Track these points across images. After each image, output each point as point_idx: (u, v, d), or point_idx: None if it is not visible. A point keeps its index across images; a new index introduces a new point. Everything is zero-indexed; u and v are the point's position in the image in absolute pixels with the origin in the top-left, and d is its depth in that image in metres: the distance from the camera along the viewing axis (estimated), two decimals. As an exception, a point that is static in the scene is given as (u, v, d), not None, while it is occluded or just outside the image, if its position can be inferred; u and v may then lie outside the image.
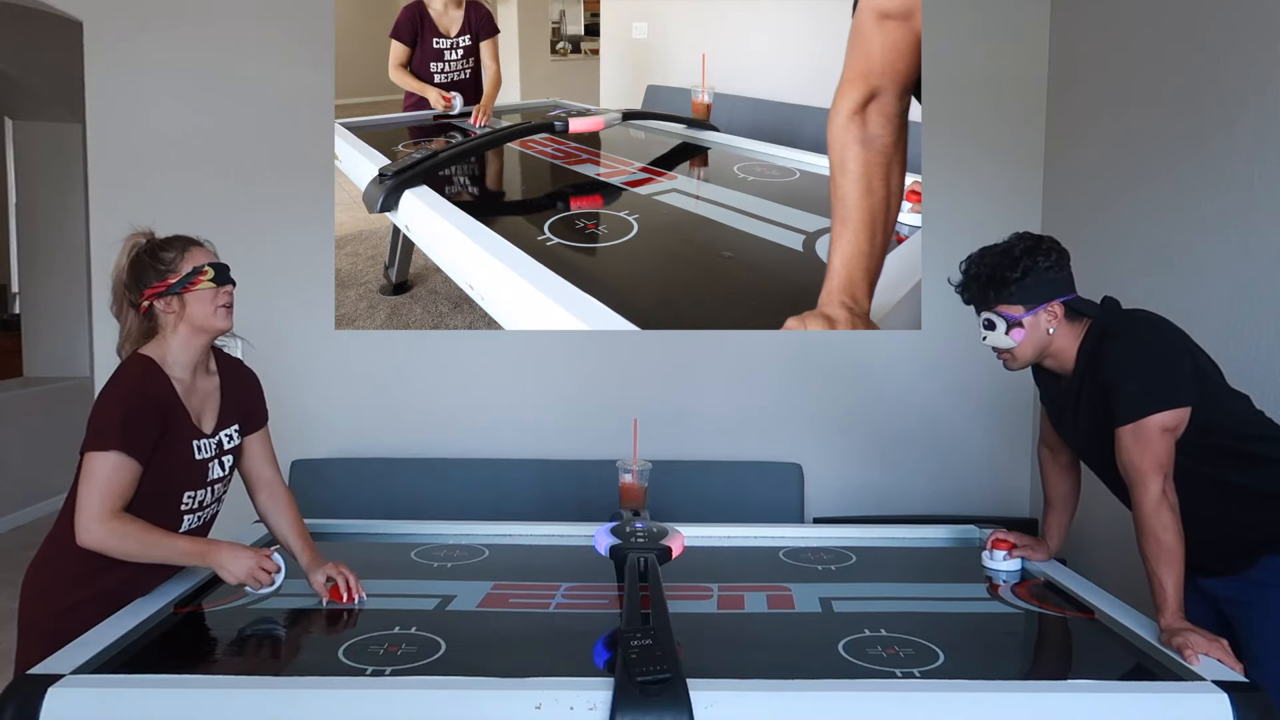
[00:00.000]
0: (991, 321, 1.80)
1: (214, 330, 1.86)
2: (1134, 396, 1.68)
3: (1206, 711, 1.35)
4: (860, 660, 1.54)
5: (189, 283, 1.82)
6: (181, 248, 1.85)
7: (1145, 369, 1.69)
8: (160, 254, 1.83)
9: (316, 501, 3.49)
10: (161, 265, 1.83)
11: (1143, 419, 1.66)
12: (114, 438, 1.70)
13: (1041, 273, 1.76)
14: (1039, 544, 2.09)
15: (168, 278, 1.82)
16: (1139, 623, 1.68)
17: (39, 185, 6.06)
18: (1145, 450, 1.66)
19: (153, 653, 1.58)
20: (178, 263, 1.83)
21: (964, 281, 1.84)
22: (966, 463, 3.59)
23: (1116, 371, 1.71)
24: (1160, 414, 1.66)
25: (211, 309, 1.84)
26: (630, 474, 2.24)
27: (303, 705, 1.36)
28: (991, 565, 2.06)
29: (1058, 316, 1.78)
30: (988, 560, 2.08)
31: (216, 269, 1.85)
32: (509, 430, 3.58)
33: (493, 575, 2.01)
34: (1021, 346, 1.80)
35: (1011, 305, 1.78)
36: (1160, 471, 1.65)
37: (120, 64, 3.43)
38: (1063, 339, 1.80)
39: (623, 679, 1.32)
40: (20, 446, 5.49)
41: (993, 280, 1.78)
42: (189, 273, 1.82)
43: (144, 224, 1.92)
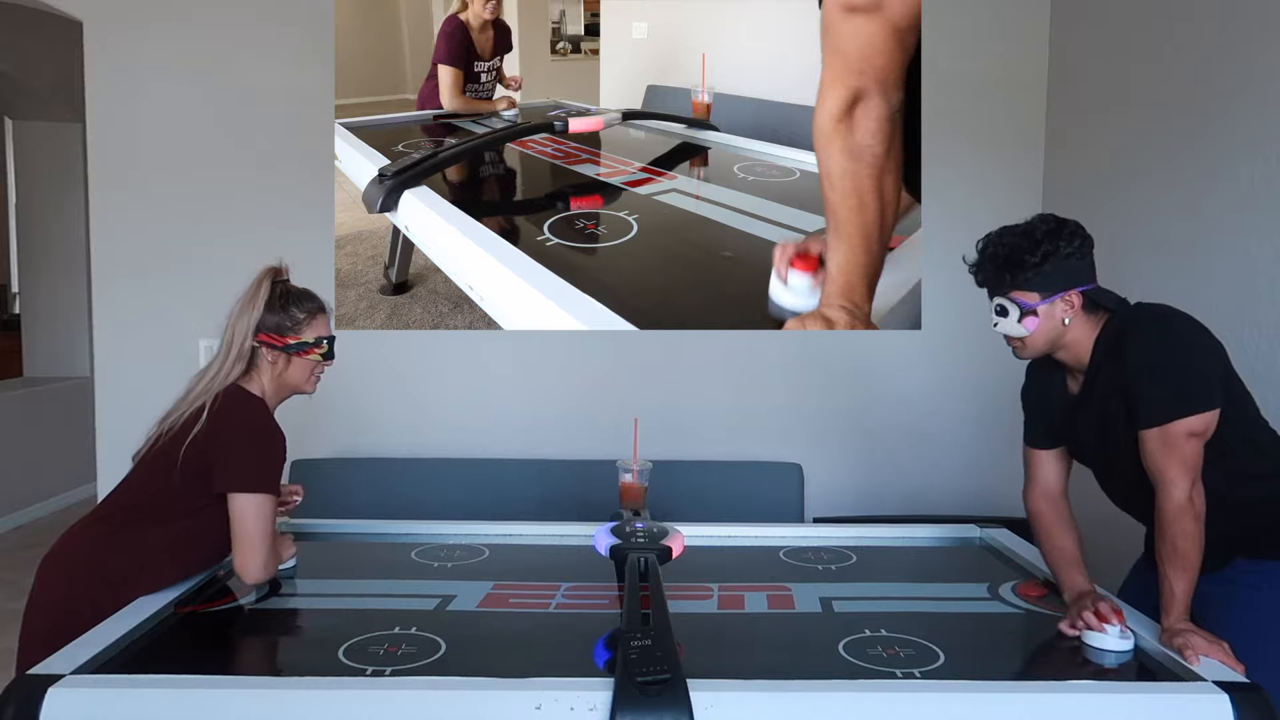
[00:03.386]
0: (1004, 308, 1.69)
1: (300, 393, 1.96)
2: (1160, 399, 1.59)
3: (1207, 711, 1.35)
4: (860, 660, 1.54)
5: (304, 350, 1.90)
6: (312, 312, 1.92)
7: (1172, 369, 1.61)
8: (292, 309, 1.90)
9: (316, 501, 3.49)
10: (289, 322, 1.89)
11: (1169, 423, 1.59)
12: (272, 481, 1.81)
13: (1063, 259, 1.64)
14: (1079, 598, 1.72)
15: (288, 336, 1.89)
16: (1139, 622, 1.67)
17: (39, 185, 6.06)
18: (1171, 454, 1.59)
19: (153, 653, 1.58)
20: (303, 327, 1.90)
21: (979, 262, 1.72)
22: (967, 462, 3.59)
23: (1140, 371, 1.62)
24: (1188, 418, 1.59)
25: (308, 376, 1.94)
26: (630, 474, 2.24)
27: (303, 705, 1.35)
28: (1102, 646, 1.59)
29: (1075, 307, 1.67)
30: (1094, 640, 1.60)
31: (329, 346, 1.94)
32: (509, 430, 3.58)
33: (493, 575, 2.01)
34: (1034, 336, 1.69)
35: (1027, 292, 1.66)
36: (1187, 476, 1.58)
37: (120, 64, 3.43)
38: (1078, 331, 1.69)
39: (623, 679, 1.32)
40: (20, 446, 5.49)
41: (1010, 263, 1.66)
42: (309, 341, 1.90)
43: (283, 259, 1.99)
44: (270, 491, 1.79)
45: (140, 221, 3.45)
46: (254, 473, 1.78)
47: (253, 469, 1.79)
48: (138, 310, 3.47)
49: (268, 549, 1.79)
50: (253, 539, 1.77)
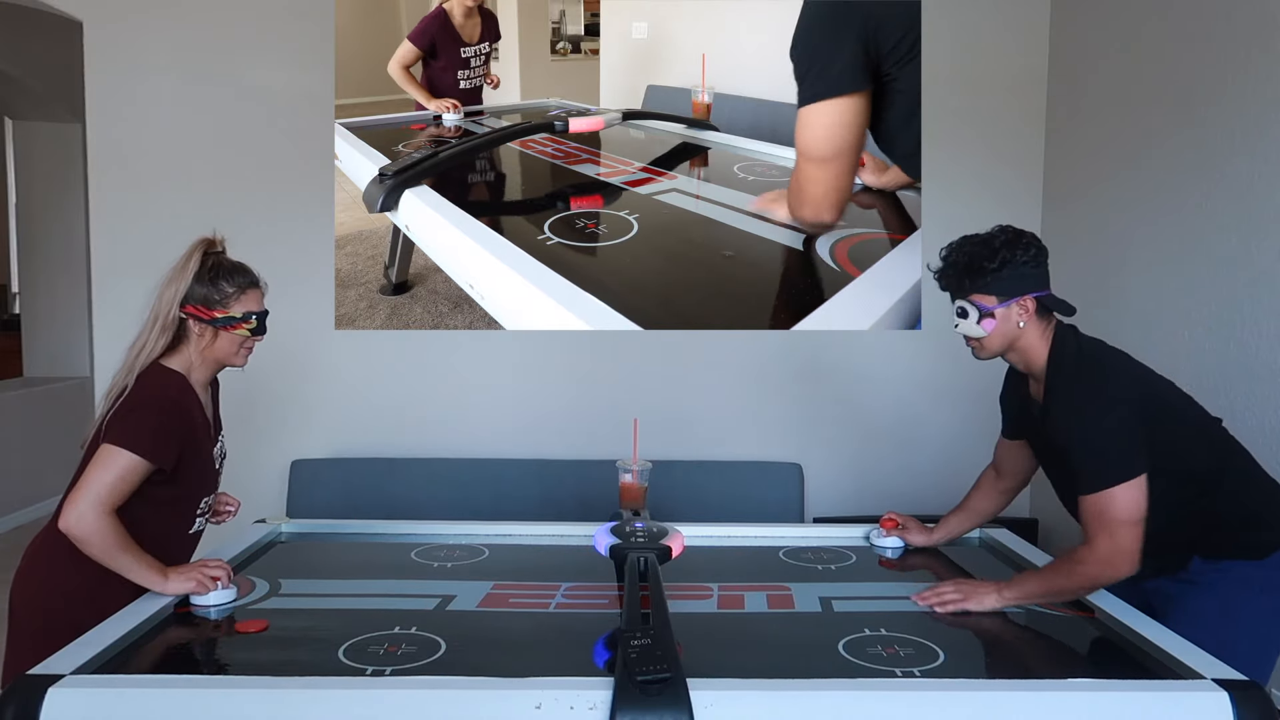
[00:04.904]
0: (964, 310, 1.82)
1: (229, 365, 1.92)
2: (1090, 472, 1.69)
3: (1206, 710, 1.35)
4: (860, 660, 1.54)
5: (231, 324, 1.86)
6: (242, 287, 1.88)
7: (1095, 441, 1.70)
8: (221, 283, 1.87)
9: (317, 501, 3.49)
10: (217, 295, 1.86)
11: (1101, 492, 1.68)
12: (143, 443, 1.74)
13: (1019, 266, 1.77)
14: (920, 529, 2.22)
15: (215, 309, 1.86)
16: (1139, 622, 1.67)
17: (39, 185, 6.05)
18: (1100, 523, 1.68)
19: (153, 653, 1.58)
20: (231, 301, 1.87)
21: (942, 268, 1.86)
22: (966, 462, 3.57)
23: (1066, 438, 1.74)
24: (1119, 486, 1.67)
25: (236, 349, 1.90)
26: (630, 474, 2.24)
27: (303, 705, 1.35)
28: (878, 543, 2.24)
29: (1029, 311, 1.79)
30: (875, 538, 2.25)
31: (259, 321, 1.90)
32: (509, 430, 3.58)
33: (493, 575, 2.01)
34: (991, 337, 1.82)
35: (985, 295, 1.79)
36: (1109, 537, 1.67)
37: (120, 64, 3.43)
38: (1031, 335, 1.81)
39: (623, 679, 1.32)
40: (20, 446, 5.49)
41: (970, 269, 1.79)
42: (236, 316, 1.86)
43: (219, 231, 1.95)
44: (129, 448, 1.72)
45: (140, 221, 3.46)
46: (123, 428, 1.74)
47: (123, 425, 1.74)
48: (138, 310, 3.45)
49: (101, 498, 1.70)
50: (87, 484, 1.70)
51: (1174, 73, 2.76)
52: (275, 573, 2.00)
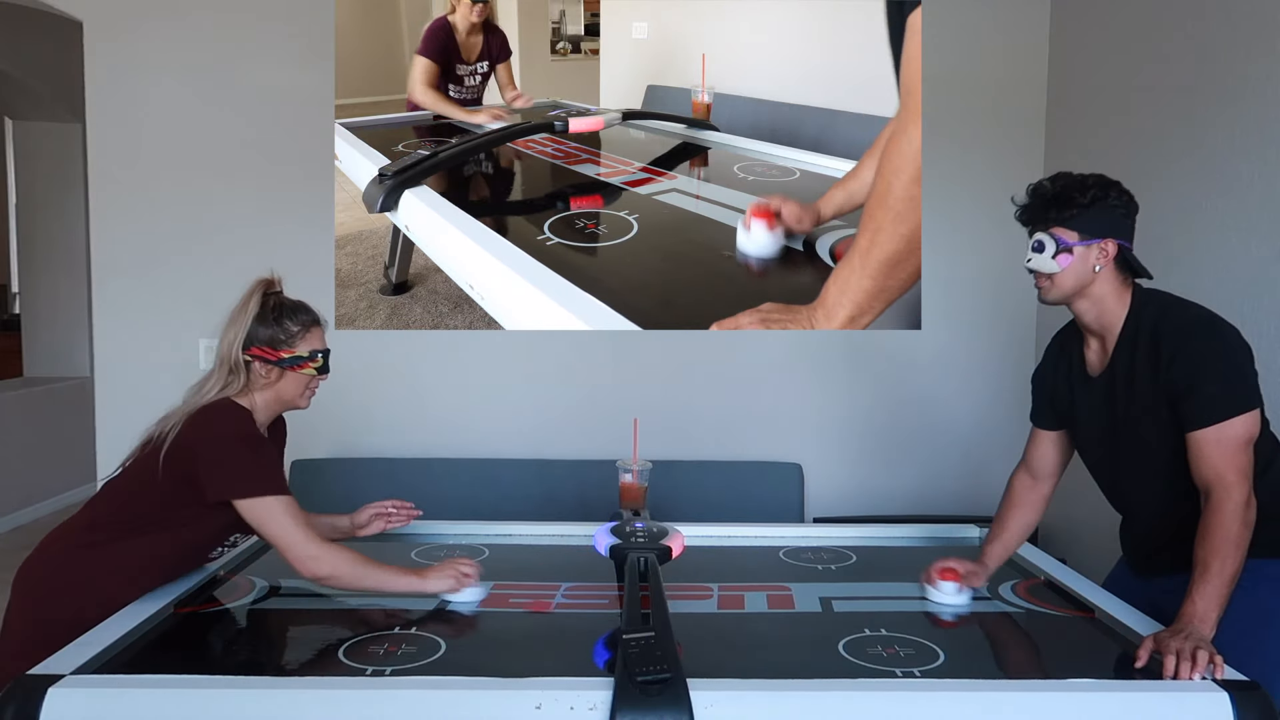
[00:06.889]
0: (1042, 243, 1.72)
1: (294, 408, 1.93)
2: (1217, 398, 1.62)
3: (1207, 711, 1.35)
4: (860, 660, 1.54)
5: (298, 364, 1.86)
6: (306, 325, 1.88)
7: (1227, 371, 1.65)
8: (285, 322, 1.86)
9: (316, 501, 3.48)
10: (282, 335, 1.85)
11: (1226, 420, 1.61)
12: (275, 481, 1.76)
13: (1109, 207, 1.70)
14: (980, 569, 1.93)
15: (281, 350, 1.84)
16: (1139, 622, 1.68)
17: (39, 185, 6.06)
18: (1227, 458, 1.61)
19: (153, 653, 1.58)
20: (297, 340, 1.86)
21: (1029, 195, 1.77)
22: (966, 462, 3.59)
23: (1194, 370, 1.65)
24: (1243, 415, 1.62)
25: (301, 390, 1.90)
26: (630, 474, 2.24)
27: (303, 705, 1.36)
28: (940, 599, 1.86)
29: (1109, 256, 1.71)
30: (935, 595, 1.87)
31: (324, 359, 1.90)
32: (509, 430, 3.58)
33: (493, 575, 2.01)
34: (1064, 274, 1.72)
35: (1068, 230, 1.70)
36: (1244, 482, 1.60)
37: (120, 64, 3.43)
38: (1106, 284, 1.73)
39: (623, 679, 1.32)
40: (20, 446, 5.49)
41: (1058, 199, 1.71)
42: (303, 355, 1.86)
43: (276, 271, 1.94)
44: (275, 493, 1.74)
45: (140, 221, 3.46)
46: (254, 478, 1.75)
47: (250, 474, 1.75)
48: (138, 310, 3.48)
49: (308, 542, 1.73)
50: (283, 539, 1.72)
51: (1174, 73, 2.76)
52: (275, 573, 2.00)
